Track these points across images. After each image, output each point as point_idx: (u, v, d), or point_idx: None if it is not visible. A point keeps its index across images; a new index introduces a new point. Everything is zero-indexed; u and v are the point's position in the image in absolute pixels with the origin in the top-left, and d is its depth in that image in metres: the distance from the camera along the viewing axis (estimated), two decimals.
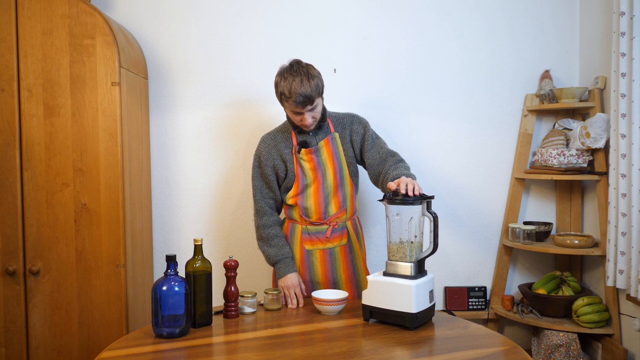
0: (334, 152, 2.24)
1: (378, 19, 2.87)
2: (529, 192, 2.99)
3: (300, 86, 2.04)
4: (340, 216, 2.26)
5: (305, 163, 2.21)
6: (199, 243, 1.88)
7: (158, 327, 1.75)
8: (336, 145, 2.25)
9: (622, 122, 2.43)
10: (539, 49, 2.94)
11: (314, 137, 2.25)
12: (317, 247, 2.24)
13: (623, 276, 2.47)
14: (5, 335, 2.29)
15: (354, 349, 1.66)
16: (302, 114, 2.11)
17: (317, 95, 2.10)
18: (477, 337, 1.75)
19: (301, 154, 2.21)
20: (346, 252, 2.27)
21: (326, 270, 2.24)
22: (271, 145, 2.25)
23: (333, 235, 2.24)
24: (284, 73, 2.09)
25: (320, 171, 2.23)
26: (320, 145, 2.23)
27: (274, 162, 2.24)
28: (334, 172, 2.24)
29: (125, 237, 2.34)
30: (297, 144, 2.22)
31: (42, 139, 2.28)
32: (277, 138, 2.26)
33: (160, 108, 2.83)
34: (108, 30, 2.28)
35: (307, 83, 2.05)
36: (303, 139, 2.23)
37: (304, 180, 2.23)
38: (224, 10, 2.82)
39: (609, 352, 2.61)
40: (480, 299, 2.93)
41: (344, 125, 2.29)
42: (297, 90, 2.04)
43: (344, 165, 2.26)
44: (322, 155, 2.23)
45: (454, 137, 2.94)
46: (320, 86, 2.12)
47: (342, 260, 2.27)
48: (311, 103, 2.08)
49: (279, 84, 2.09)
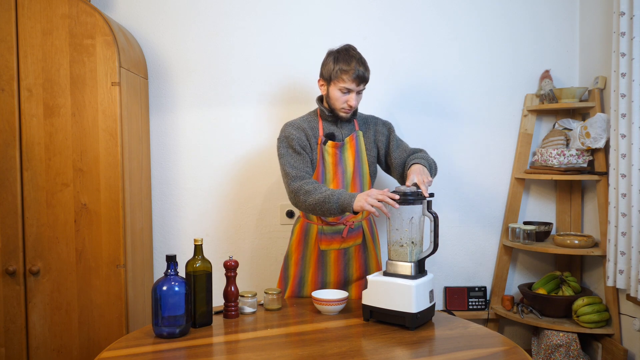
0: (356, 150, 2.23)
1: (378, 20, 2.88)
2: (529, 192, 2.99)
3: (360, 64, 2.13)
4: (356, 216, 2.22)
5: (328, 156, 2.19)
6: (199, 243, 1.88)
7: (158, 327, 1.75)
8: (359, 143, 2.24)
9: (622, 122, 2.43)
10: (539, 49, 2.94)
11: (340, 131, 2.23)
12: (332, 247, 2.21)
13: (623, 276, 2.47)
14: (5, 335, 2.29)
15: (354, 349, 1.66)
16: (351, 93, 2.13)
17: (368, 81, 2.17)
18: (477, 337, 1.75)
19: (327, 145, 2.19)
20: (360, 251, 2.25)
21: (339, 270, 2.22)
22: (299, 128, 2.19)
23: (349, 235, 2.21)
24: (341, 52, 2.16)
25: (340, 168, 2.21)
26: (346, 141, 2.22)
27: (304, 142, 2.17)
28: (353, 170, 2.22)
29: (125, 237, 2.34)
30: (324, 135, 2.20)
31: (42, 139, 2.28)
32: (304, 124, 2.22)
33: (160, 108, 2.83)
34: (108, 30, 2.28)
35: (365, 64, 2.16)
36: (331, 130, 2.22)
37: (323, 173, 2.20)
38: (224, 10, 2.82)
39: (609, 352, 2.61)
40: (480, 299, 2.93)
41: (368, 125, 2.30)
42: (357, 66, 2.11)
43: (364, 164, 2.25)
44: (346, 152, 2.21)
45: (454, 137, 2.94)
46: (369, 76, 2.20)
47: (356, 260, 2.25)
48: (365, 82, 2.15)
49: (336, 59, 2.14)
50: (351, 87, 2.12)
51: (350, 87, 2.12)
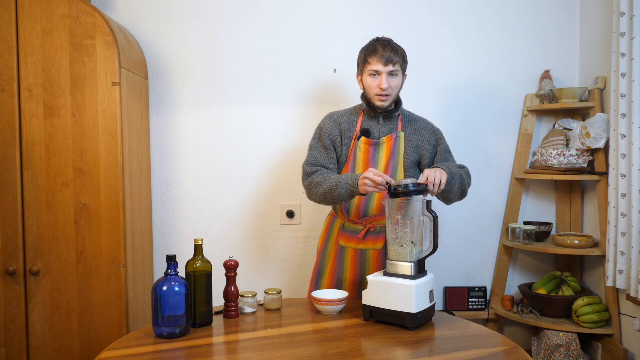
0: (393, 151, 2.16)
1: (377, 20, 2.88)
2: (529, 192, 2.99)
3: (386, 44, 2.11)
4: (379, 219, 2.17)
5: (360, 153, 2.16)
6: (199, 243, 1.88)
7: (158, 327, 1.75)
8: (398, 144, 2.17)
9: (622, 122, 2.43)
10: (539, 49, 2.94)
11: (379, 128, 2.18)
12: (350, 245, 2.19)
13: (623, 276, 2.47)
14: (5, 335, 2.29)
15: (354, 349, 1.66)
16: (381, 75, 2.10)
17: (402, 61, 2.14)
18: (477, 337, 1.75)
19: (360, 141, 2.16)
20: (379, 256, 2.18)
21: (355, 269, 2.20)
22: (336, 121, 2.20)
23: (367, 238, 2.17)
24: (370, 41, 2.16)
25: (371, 166, 2.15)
26: (382, 141, 2.16)
27: (335, 136, 2.18)
28: (384, 169, 2.15)
29: (125, 237, 2.34)
30: (360, 130, 2.17)
31: (42, 139, 2.28)
32: (344, 117, 2.22)
33: (160, 108, 2.83)
34: (108, 30, 2.28)
35: (392, 44, 2.14)
36: (368, 127, 2.18)
37: (353, 169, 2.17)
38: (225, 10, 2.82)
39: (609, 352, 2.61)
40: (480, 299, 2.94)
41: (415, 129, 2.21)
42: (381, 47, 2.10)
43: (399, 167, 2.16)
44: (380, 152, 2.16)
45: (454, 137, 2.94)
46: (406, 57, 2.17)
47: (373, 264, 2.19)
48: (393, 63, 2.10)
49: (364, 49, 2.15)
50: (378, 68, 2.09)
51: (377, 68, 2.09)
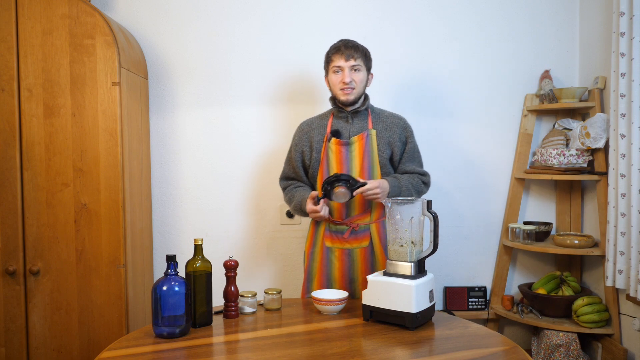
0: (366, 150, 2.17)
1: (378, 20, 2.88)
2: (529, 192, 3.00)
3: (346, 41, 2.19)
4: (362, 218, 2.19)
5: (332, 154, 2.19)
6: (199, 243, 1.88)
7: (158, 327, 1.75)
8: (371, 142, 2.18)
9: (622, 122, 2.43)
10: (538, 49, 2.94)
11: (349, 128, 2.21)
12: (336, 246, 2.20)
13: (622, 276, 2.47)
14: (5, 335, 2.29)
15: (354, 349, 1.66)
16: (343, 70, 2.15)
17: (364, 56, 2.20)
18: (477, 337, 1.75)
19: (331, 142, 2.19)
20: (366, 255, 2.20)
21: (344, 269, 2.21)
22: (305, 130, 2.29)
23: (352, 237, 2.19)
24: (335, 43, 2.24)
25: (346, 166, 2.17)
26: (353, 141, 2.17)
27: (303, 148, 2.27)
28: (361, 169, 2.17)
29: (125, 237, 2.35)
30: (330, 132, 2.21)
31: (42, 139, 2.28)
32: (313, 124, 2.29)
33: (160, 108, 2.83)
34: (108, 30, 2.28)
35: (354, 41, 2.21)
36: (338, 127, 2.22)
37: (327, 171, 2.19)
38: (225, 10, 2.82)
39: (609, 352, 2.61)
40: (480, 299, 2.94)
41: (387, 125, 2.23)
42: (342, 43, 2.18)
43: (375, 164, 2.19)
44: (353, 151, 2.17)
45: (454, 137, 2.94)
46: (369, 55, 2.24)
47: (361, 263, 2.20)
48: (355, 58, 2.15)
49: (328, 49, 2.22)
50: (340, 63, 2.15)
51: (340, 64, 2.15)
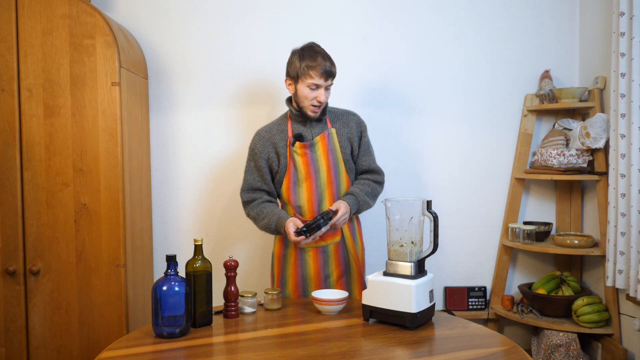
0: (329, 148, 2.22)
1: (377, 19, 2.88)
2: (529, 192, 2.99)
3: (326, 59, 2.16)
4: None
5: (298, 157, 2.20)
6: (199, 243, 1.88)
7: (158, 327, 1.75)
8: (332, 141, 2.23)
9: (622, 122, 2.43)
10: (539, 49, 2.94)
11: (310, 130, 2.24)
12: (310, 245, 2.22)
13: (622, 276, 2.47)
14: (5, 335, 2.29)
15: (354, 349, 1.66)
16: (320, 88, 2.15)
17: (335, 76, 2.20)
18: (477, 337, 1.75)
19: (295, 147, 2.20)
20: (339, 249, 2.26)
21: (318, 267, 2.24)
22: (265, 137, 2.24)
23: (326, 234, 2.21)
24: (305, 49, 2.18)
25: (313, 167, 2.21)
26: (316, 141, 2.21)
27: (269, 154, 2.23)
28: (328, 168, 2.22)
29: (125, 237, 2.35)
30: (292, 136, 2.21)
31: (42, 139, 2.29)
32: (272, 130, 2.26)
33: (160, 108, 2.83)
34: (108, 30, 2.28)
35: (330, 59, 2.18)
36: (299, 131, 2.23)
37: (295, 174, 2.21)
38: (225, 10, 2.82)
39: (609, 352, 2.61)
40: (480, 299, 2.94)
41: (344, 122, 2.29)
42: (323, 61, 2.14)
43: (339, 161, 2.25)
44: (317, 151, 2.21)
45: (454, 137, 2.94)
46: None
47: (335, 257, 2.26)
48: (332, 77, 2.17)
49: (302, 57, 2.16)
50: (319, 82, 2.14)
51: (319, 82, 2.14)
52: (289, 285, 2.27)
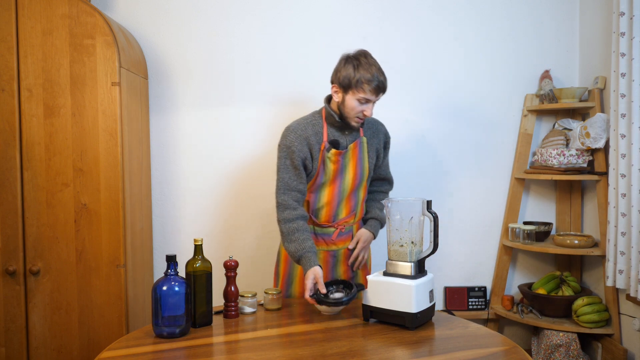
0: (359, 157, 2.17)
1: (377, 19, 2.88)
2: (529, 192, 2.99)
3: (381, 74, 2.03)
4: (348, 220, 2.21)
5: (330, 164, 2.12)
6: (199, 243, 1.88)
7: (158, 327, 1.75)
8: (362, 149, 2.17)
9: (622, 122, 2.43)
10: (539, 49, 2.94)
11: (345, 137, 2.15)
12: (321, 248, 2.20)
13: (623, 276, 2.47)
14: (5, 335, 2.29)
15: (354, 349, 1.66)
16: (369, 103, 2.04)
17: (386, 90, 2.09)
18: (477, 337, 1.75)
19: (330, 153, 2.11)
20: (349, 254, 2.24)
21: (327, 270, 2.23)
22: (303, 136, 2.10)
23: (339, 238, 2.20)
24: (360, 58, 2.04)
25: (340, 173, 2.15)
26: (349, 148, 2.14)
27: (305, 154, 2.10)
28: (353, 176, 2.16)
29: (125, 237, 2.35)
30: (328, 142, 2.13)
31: (42, 139, 2.29)
32: (307, 130, 2.12)
33: (160, 108, 2.83)
34: (108, 30, 2.28)
35: (384, 73, 2.05)
36: (335, 137, 2.13)
37: (322, 178, 2.15)
38: (225, 10, 2.82)
39: (609, 352, 2.61)
40: (480, 299, 2.94)
41: (373, 131, 2.23)
42: (379, 77, 2.02)
43: (365, 171, 2.19)
44: (347, 158, 2.15)
45: (454, 137, 2.94)
46: None
47: (344, 263, 2.24)
48: (384, 93, 2.07)
49: (357, 69, 2.01)
50: (371, 97, 2.02)
51: (370, 97, 2.02)
52: (295, 284, 2.24)
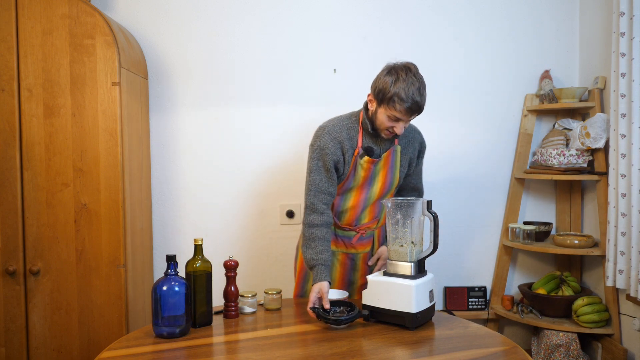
0: (391, 165, 2.10)
1: (377, 19, 2.88)
2: (529, 192, 2.99)
3: (418, 94, 1.90)
4: (370, 226, 2.18)
5: (361, 170, 2.07)
6: (199, 243, 1.88)
7: (158, 327, 1.75)
8: (395, 158, 2.10)
9: (622, 122, 2.43)
10: (539, 49, 2.94)
11: (379, 145, 2.08)
12: (340, 250, 2.19)
13: (623, 276, 2.47)
14: (5, 335, 2.29)
15: (354, 349, 1.66)
16: (400, 122, 1.95)
17: (422, 111, 1.98)
18: (477, 337, 1.75)
19: (363, 160, 2.05)
20: (367, 259, 2.21)
21: (345, 271, 2.21)
22: (337, 139, 2.03)
23: (359, 242, 2.18)
24: (400, 73, 1.91)
25: (369, 180, 2.10)
26: (382, 157, 2.08)
27: (338, 157, 2.03)
28: (382, 184, 2.11)
29: (125, 237, 2.35)
30: (362, 148, 2.05)
31: (42, 139, 2.29)
32: (343, 133, 2.05)
33: (160, 108, 2.83)
34: (108, 31, 2.28)
35: (424, 93, 1.93)
36: (369, 144, 2.06)
37: (351, 183, 2.10)
38: (225, 10, 2.82)
39: (609, 352, 2.61)
40: (480, 299, 2.94)
41: (409, 140, 2.14)
42: (415, 97, 1.89)
43: (395, 180, 2.13)
44: (380, 167, 2.09)
45: (454, 137, 2.94)
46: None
47: (362, 267, 2.21)
48: (419, 114, 1.95)
49: (394, 83, 1.90)
50: (403, 118, 1.92)
51: (402, 118, 1.92)
52: (311, 282, 2.19)
